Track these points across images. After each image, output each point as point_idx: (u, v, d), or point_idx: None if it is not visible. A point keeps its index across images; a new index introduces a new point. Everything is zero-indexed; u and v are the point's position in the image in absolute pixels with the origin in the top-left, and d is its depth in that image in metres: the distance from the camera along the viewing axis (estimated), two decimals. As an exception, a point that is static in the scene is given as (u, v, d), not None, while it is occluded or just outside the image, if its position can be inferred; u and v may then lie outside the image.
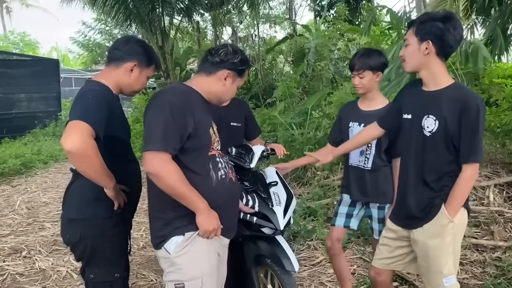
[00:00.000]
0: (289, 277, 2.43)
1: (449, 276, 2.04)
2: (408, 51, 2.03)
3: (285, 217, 2.52)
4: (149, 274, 3.59)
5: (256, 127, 3.28)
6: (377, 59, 2.56)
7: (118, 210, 2.05)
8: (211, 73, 1.97)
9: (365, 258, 3.73)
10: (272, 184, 2.67)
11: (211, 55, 1.98)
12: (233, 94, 2.12)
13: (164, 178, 1.73)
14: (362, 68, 2.55)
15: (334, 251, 2.82)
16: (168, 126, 1.73)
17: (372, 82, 2.59)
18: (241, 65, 2.00)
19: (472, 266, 3.45)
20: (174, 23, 11.93)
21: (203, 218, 1.83)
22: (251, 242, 2.60)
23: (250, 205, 2.49)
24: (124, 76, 2.07)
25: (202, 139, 1.88)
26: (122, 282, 2.15)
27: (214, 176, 1.91)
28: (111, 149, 1.96)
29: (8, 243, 4.30)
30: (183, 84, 1.98)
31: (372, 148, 2.64)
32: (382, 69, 2.59)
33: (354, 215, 2.80)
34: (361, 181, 2.70)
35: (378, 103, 2.66)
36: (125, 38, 2.13)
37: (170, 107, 1.76)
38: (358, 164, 2.70)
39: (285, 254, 2.44)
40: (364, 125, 2.59)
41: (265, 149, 2.89)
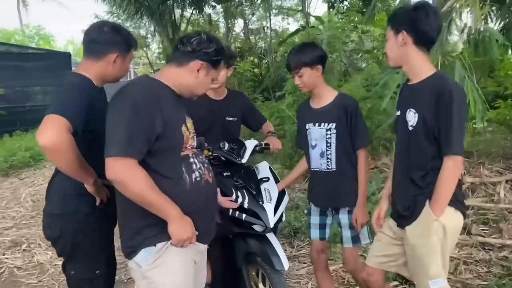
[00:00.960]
0: (279, 276, 2.36)
1: (436, 279, 1.93)
2: (388, 45, 2.00)
3: (275, 214, 2.45)
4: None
5: (259, 117, 3.20)
6: (312, 53, 2.37)
7: (101, 205, 2.00)
8: (182, 64, 1.79)
9: (365, 255, 3.61)
10: (264, 180, 2.60)
11: (183, 44, 1.80)
12: (207, 88, 1.96)
13: (129, 186, 1.58)
14: (298, 66, 2.36)
15: (319, 265, 2.61)
16: (132, 128, 1.57)
17: (314, 78, 2.38)
18: (216, 55, 1.81)
19: (477, 266, 3.32)
20: (185, 16, 11.88)
21: (176, 226, 1.67)
22: (241, 240, 2.53)
23: (239, 201, 2.42)
24: (107, 67, 2.01)
25: (172, 140, 1.71)
26: (103, 279, 2.09)
27: (187, 179, 1.75)
28: (91, 143, 1.90)
29: (10, 236, 4.32)
30: (150, 78, 1.81)
31: (332, 147, 2.41)
32: (320, 62, 2.38)
33: (328, 225, 2.58)
34: (326, 186, 2.48)
35: (328, 98, 2.45)
36: (98, 27, 2.03)
37: (134, 105, 1.60)
38: (321, 168, 2.47)
39: (274, 252, 2.36)
40: (319, 124, 2.44)
41: (258, 144, 2.81)
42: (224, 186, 2.51)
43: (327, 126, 2.41)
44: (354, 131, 2.38)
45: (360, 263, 2.56)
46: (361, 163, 2.41)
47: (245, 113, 3.08)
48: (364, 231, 2.48)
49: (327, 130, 2.41)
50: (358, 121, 2.38)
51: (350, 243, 2.48)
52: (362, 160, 2.41)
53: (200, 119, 2.86)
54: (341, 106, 2.38)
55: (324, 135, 2.41)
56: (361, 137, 2.40)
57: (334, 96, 2.44)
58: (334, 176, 2.44)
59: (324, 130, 2.41)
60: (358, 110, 2.41)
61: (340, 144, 2.40)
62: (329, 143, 2.41)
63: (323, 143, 2.43)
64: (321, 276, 2.63)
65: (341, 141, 2.40)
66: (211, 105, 2.90)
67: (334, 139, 2.40)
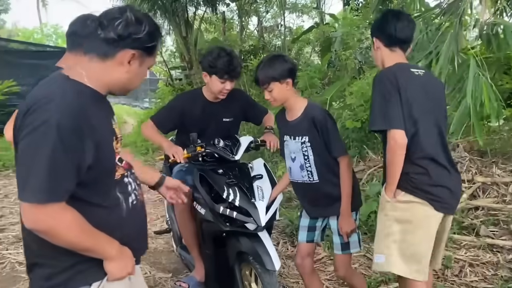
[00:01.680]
0: (270, 275, 2.31)
1: (378, 254, 2.13)
2: (373, 51, 2.27)
3: (268, 212, 2.40)
4: (144, 266, 3.52)
5: (259, 111, 3.14)
6: (281, 67, 2.26)
7: None
8: (107, 56, 1.37)
9: (369, 256, 3.53)
10: (257, 178, 2.55)
11: (103, 28, 1.36)
12: (141, 80, 1.55)
13: (59, 236, 1.27)
14: (267, 82, 2.25)
15: (304, 269, 2.52)
16: (57, 163, 1.22)
17: (284, 92, 2.28)
18: (150, 40, 1.41)
19: (484, 268, 3.20)
20: (199, 14, 11.88)
21: (115, 265, 1.41)
22: (233, 238, 2.48)
23: (230, 199, 2.37)
24: None
25: (106, 164, 1.39)
26: None
27: (124, 204, 1.46)
28: None
29: (15, 231, 4.36)
30: (70, 80, 1.36)
31: (310, 159, 2.32)
32: (290, 76, 2.27)
33: (318, 227, 2.50)
34: (311, 197, 2.43)
35: (299, 109, 2.34)
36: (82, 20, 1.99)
37: (58, 130, 1.21)
38: (303, 180, 2.38)
39: (266, 252, 2.31)
40: (294, 137, 2.35)
41: (253, 140, 2.76)
42: (216, 183, 2.47)
43: (301, 139, 2.32)
44: (327, 141, 2.28)
45: (351, 270, 2.51)
46: (342, 171, 2.31)
47: (244, 110, 3.03)
48: (354, 238, 2.39)
49: (301, 143, 2.32)
50: (329, 131, 2.27)
51: (339, 250, 2.41)
52: (342, 168, 2.31)
53: (196, 119, 2.84)
54: (310, 118, 2.29)
55: (300, 148, 2.33)
56: (335, 147, 2.29)
57: (304, 107, 2.34)
58: (317, 187, 2.36)
59: (299, 143, 2.33)
60: (327, 119, 2.29)
61: (317, 156, 2.31)
62: (306, 156, 2.33)
63: (301, 156, 2.34)
64: (309, 279, 2.55)
65: (318, 152, 2.31)
66: (207, 107, 2.85)
67: (310, 151, 2.31)
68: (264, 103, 9.07)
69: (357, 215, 2.43)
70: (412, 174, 2.04)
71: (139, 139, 9.65)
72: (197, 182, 2.56)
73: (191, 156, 2.57)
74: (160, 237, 4.12)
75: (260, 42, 12.65)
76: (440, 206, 2.05)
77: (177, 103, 2.94)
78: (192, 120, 2.84)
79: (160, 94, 12.03)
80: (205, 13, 12.08)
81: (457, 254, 3.43)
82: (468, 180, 4.28)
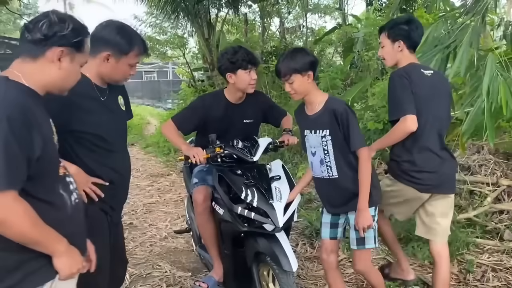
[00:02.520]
0: (287, 276, 2.32)
1: None
2: (385, 50, 2.58)
3: (285, 213, 2.40)
4: (164, 265, 3.59)
5: (278, 113, 3.16)
6: (302, 60, 2.29)
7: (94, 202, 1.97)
8: (37, 56, 1.45)
9: (389, 258, 3.50)
10: (275, 179, 2.56)
11: (29, 31, 1.45)
12: (77, 77, 1.60)
13: (11, 226, 1.29)
14: (288, 73, 2.28)
15: (328, 265, 2.53)
16: (10, 152, 1.28)
17: (305, 85, 2.30)
18: (75, 35, 1.47)
19: (507, 273, 3.14)
20: (221, 15, 11.95)
21: (64, 261, 1.43)
22: (251, 239, 2.50)
23: (248, 200, 2.39)
24: (100, 65, 1.99)
25: (51, 158, 1.46)
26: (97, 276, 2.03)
27: (68, 202, 1.51)
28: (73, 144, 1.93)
29: None
30: (5, 78, 1.43)
31: (330, 154, 2.33)
32: (311, 69, 2.30)
33: (340, 224, 2.49)
34: (331, 192, 2.43)
35: (319, 103, 2.35)
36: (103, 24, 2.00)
37: (10, 122, 1.28)
38: (323, 175, 2.39)
39: (283, 253, 2.32)
40: (314, 131, 2.36)
41: (271, 142, 2.77)
42: (235, 184, 2.49)
43: (321, 133, 2.33)
44: (347, 134, 2.28)
45: (369, 267, 2.49)
46: (361, 163, 2.30)
47: (264, 112, 3.07)
48: (369, 234, 2.36)
49: (322, 137, 2.33)
50: (349, 124, 2.27)
51: (354, 244, 2.40)
52: (361, 160, 2.30)
53: (217, 121, 2.87)
54: (331, 111, 2.30)
55: (321, 142, 2.34)
56: (354, 139, 2.28)
57: (324, 101, 2.35)
58: (337, 182, 2.36)
59: (319, 137, 2.34)
60: (348, 112, 2.29)
61: (337, 150, 2.32)
62: (326, 150, 2.34)
63: (321, 150, 2.35)
64: (332, 276, 2.55)
65: (338, 147, 2.32)
66: (230, 109, 2.89)
67: (330, 145, 2.32)
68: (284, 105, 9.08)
69: (375, 211, 2.39)
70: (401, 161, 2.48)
71: (162, 140, 9.77)
72: (216, 183, 2.59)
73: (210, 157, 2.60)
74: (180, 236, 4.18)
75: (282, 43, 12.63)
76: (424, 189, 2.46)
77: (199, 105, 2.96)
78: (214, 121, 2.87)
79: (183, 95, 12.15)
80: (227, 15, 12.13)
81: (479, 258, 3.37)
82: (493, 183, 4.19)
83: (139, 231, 4.44)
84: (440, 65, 3.58)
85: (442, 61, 3.62)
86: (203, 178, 2.93)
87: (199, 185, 2.88)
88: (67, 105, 1.85)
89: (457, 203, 4.16)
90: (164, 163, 8.00)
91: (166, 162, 8.05)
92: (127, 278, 3.25)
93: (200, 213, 2.87)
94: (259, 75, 9.75)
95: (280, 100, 9.68)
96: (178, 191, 5.78)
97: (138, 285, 3.27)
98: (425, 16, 8.14)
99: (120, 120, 2.20)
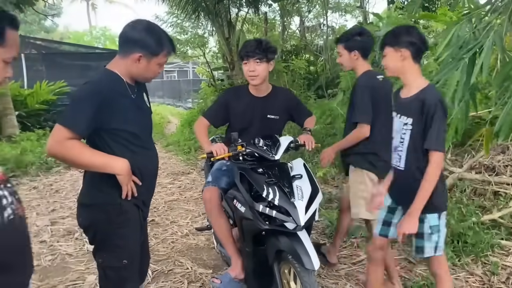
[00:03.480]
0: (309, 275, 2.31)
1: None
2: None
3: (307, 212, 2.40)
4: (186, 262, 3.62)
5: (303, 112, 3.16)
6: (400, 36, 2.20)
7: (127, 197, 2.03)
8: None
9: (411, 259, 3.46)
10: (296, 177, 2.56)
11: None
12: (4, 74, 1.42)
13: None
14: (383, 46, 2.27)
15: (373, 259, 2.57)
16: None
17: (396, 62, 2.21)
18: None
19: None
20: (241, 15, 11.98)
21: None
22: (273, 237, 2.50)
23: (270, 198, 2.40)
24: (132, 66, 2.01)
25: None
26: (131, 269, 2.12)
27: None
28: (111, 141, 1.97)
29: (65, 224, 4.59)
30: None
31: (404, 144, 2.23)
32: (407, 47, 2.18)
33: (393, 223, 2.40)
34: (395, 183, 2.36)
35: (414, 89, 2.22)
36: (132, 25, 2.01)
37: None
38: (394, 164, 2.34)
39: (305, 251, 2.32)
40: (400, 116, 2.28)
41: (293, 141, 2.77)
42: (256, 182, 2.50)
43: (405, 120, 2.24)
44: (427, 129, 2.13)
45: (442, 273, 2.33)
46: (430, 167, 2.13)
47: (290, 109, 3.06)
48: (428, 244, 2.24)
49: (404, 124, 2.24)
50: (434, 120, 2.10)
51: (414, 252, 2.34)
52: (430, 164, 2.13)
53: (240, 113, 2.91)
54: (420, 100, 2.15)
55: (401, 129, 2.26)
56: (432, 137, 2.11)
57: (422, 88, 2.20)
58: (402, 175, 2.29)
59: (402, 123, 2.26)
60: (437, 107, 2.10)
61: (413, 143, 2.21)
62: (403, 139, 2.25)
63: (398, 137, 2.28)
64: (373, 270, 2.58)
65: (414, 140, 2.20)
66: (252, 102, 2.92)
67: (407, 136, 2.22)
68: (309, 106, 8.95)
69: (439, 220, 2.23)
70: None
71: (182, 138, 9.87)
72: (238, 181, 2.61)
73: (232, 155, 2.62)
74: (201, 234, 4.21)
75: (302, 42, 12.60)
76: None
77: (225, 96, 3.06)
78: (237, 114, 2.94)
79: (203, 94, 12.25)
80: (247, 14, 12.16)
81: (504, 260, 3.31)
82: (518, 184, 4.11)
83: (161, 228, 4.50)
84: (468, 68, 3.51)
85: (469, 63, 3.55)
86: (216, 178, 2.98)
87: (210, 185, 2.96)
88: (108, 104, 1.89)
89: (481, 204, 4.10)
90: (184, 162, 8.07)
91: (186, 160, 8.12)
92: (149, 274, 3.30)
93: (209, 211, 2.96)
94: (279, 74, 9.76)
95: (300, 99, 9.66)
96: (198, 189, 5.83)
97: (160, 281, 3.31)
98: (448, 14, 8.01)
99: (148, 117, 2.24)
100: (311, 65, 12.14)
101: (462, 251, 3.42)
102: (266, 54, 2.80)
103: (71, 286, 3.26)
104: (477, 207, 3.96)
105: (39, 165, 7.35)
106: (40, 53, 12.82)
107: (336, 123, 6.90)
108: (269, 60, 2.84)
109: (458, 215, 3.75)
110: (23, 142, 8.51)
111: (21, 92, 10.85)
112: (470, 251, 3.42)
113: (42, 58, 12.68)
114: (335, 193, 5.27)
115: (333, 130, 6.92)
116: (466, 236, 3.50)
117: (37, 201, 5.62)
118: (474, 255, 3.40)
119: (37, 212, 5.09)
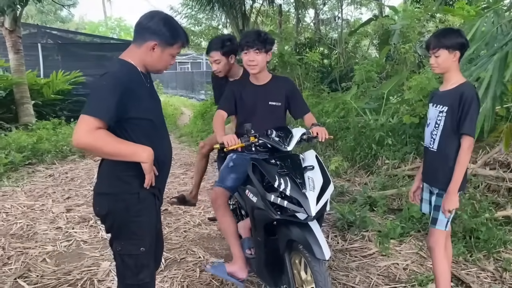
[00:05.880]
0: (319, 265, 2.33)
1: None
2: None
3: (318, 203, 2.42)
4: (198, 251, 3.68)
5: (302, 105, 3.15)
6: (454, 39, 2.48)
7: (147, 186, 2.06)
8: None
9: (422, 254, 3.46)
10: (308, 168, 2.57)
11: None
12: None
13: None
14: (437, 47, 2.48)
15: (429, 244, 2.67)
16: None
17: (448, 62, 2.49)
18: None
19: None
20: (256, 7, 11.96)
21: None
22: (284, 227, 2.52)
23: (281, 188, 2.42)
24: (146, 55, 2.03)
25: None
26: (148, 256, 2.16)
27: None
28: (134, 129, 2.00)
29: (80, 212, 4.67)
30: None
31: (439, 128, 2.53)
32: (459, 49, 2.49)
33: (424, 200, 2.75)
34: (427, 163, 2.66)
35: (454, 83, 2.53)
36: (149, 15, 2.04)
37: None
38: (428, 145, 2.63)
39: (316, 241, 2.33)
40: (436, 105, 2.58)
41: (305, 132, 2.78)
42: (268, 172, 2.52)
43: (440, 108, 2.53)
44: (462, 116, 2.43)
45: (438, 247, 2.57)
46: (462, 150, 2.45)
47: (288, 98, 3.08)
48: (442, 217, 2.52)
49: (440, 112, 2.53)
50: (469, 109, 2.41)
51: (434, 224, 2.58)
52: (462, 148, 2.44)
53: (244, 101, 2.99)
54: (459, 93, 2.45)
55: (436, 116, 2.55)
56: (466, 123, 2.42)
57: (460, 83, 2.51)
58: (434, 156, 2.58)
59: (437, 111, 2.55)
60: (473, 99, 2.42)
61: (446, 129, 2.51)
62: (438, 125, 2.55)
63: (433, 123, 2.58)
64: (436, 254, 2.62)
65: (448, 126, 2.49)
66: (253, 91, 3.01)
67: (443, 121, 2.52)
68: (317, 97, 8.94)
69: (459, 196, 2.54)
70: None
71: (195, 130, 9.93)
72: (250, 171, 2.63)
73: (244, 146, 2.64)
74: (213, 224, 4.26)
75: (316, 35, 12.53)
76: None
77: (230, 88, 3.13)
78: (242, 103, 3.02)
79: (212, 87, 12.25)
80: (262, 6, 12.13)
81: (517, 256, 3.29)
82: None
83: (173, 217, 4.56)
84: (500, 64, 3.48)
85: (501, 61, 3.51)
86: (223, 178, 3.05)
87: (217, 186, 3.04)
88: (128, 94, 1.92)
89: (495, 200, 4.07)
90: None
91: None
92: (162, 262, 3.35)
93: (216, 209, 3.03)
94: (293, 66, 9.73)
95: (313, 92, 9.63)
96: (211, 180, 5.87)
97: (172, 269, 3.36)
98: (466, 7, 7.90)
99: (160, 106, 2.28)
100: (325, 58, 12.09)
101: (474, 246, 3.41)
102: (265, 45, 2.89)
103: (86, 272, 3.33)
104: (490, 203, 3.93)
105: (54, 153, 7.47)
106: (56, 43, 12.95)
107: (350, 117, 6.88)
108: (267, 51, 2.92)
109: (471, 210, 3.72)
110: (39, 130, 8.64)
111: (38, 81, 11.00)
112: (482, 247, 3.41)
113: (58, 48, 12.81)
114: (347, 187, 5.27)
115: (346, 123, 6.91)
116: (479, 232, 3.49)
117: (53, 188, 5.72)
118: (486, 251, 3.39)
119: (53, 199, 5.19)
